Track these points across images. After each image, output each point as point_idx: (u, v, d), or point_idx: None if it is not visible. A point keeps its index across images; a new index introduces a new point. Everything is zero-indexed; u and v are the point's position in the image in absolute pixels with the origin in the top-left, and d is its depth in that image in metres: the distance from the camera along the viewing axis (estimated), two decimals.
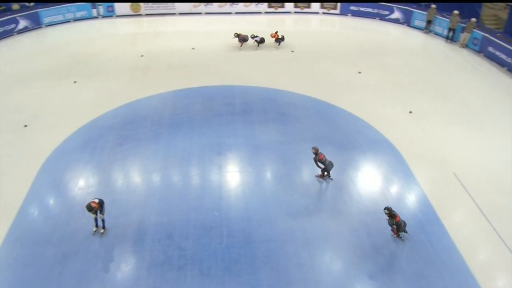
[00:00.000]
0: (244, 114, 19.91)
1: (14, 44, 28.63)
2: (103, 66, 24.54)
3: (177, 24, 30.28)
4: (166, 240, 13.78)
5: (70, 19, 31.02)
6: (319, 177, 16.41)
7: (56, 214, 15.13)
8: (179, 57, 25.44)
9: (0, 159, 17.58)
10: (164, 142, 18.12)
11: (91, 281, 12.63)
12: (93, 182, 16.35)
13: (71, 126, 19.25)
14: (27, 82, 23.26)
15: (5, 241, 14.01)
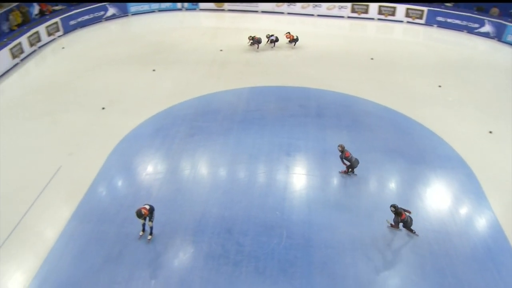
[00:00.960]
0: (317, 118, 19.88)
1: (101, 30, 30.25)
2: (182, 57, 25.34)
3: (258, 21, 30.69)
4: (226, 234, 14.10)
5: (155, 10, 32.25)
6: (343, 173, 16.57)
7: (122, 196, 15.92)
8: (258, 54, 25.79)
9: (79, 137, 18.83)
10: (234, 137, 18.49)
11: (148, 262, 13.24)
12: (161, 169, 16.98)
13: (146, 113, 20.15)
14: (110, 67, 24.52)
15: (74, 216, 15.05)
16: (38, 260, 13.52)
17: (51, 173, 16.83)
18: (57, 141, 18.76)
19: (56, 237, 14.25)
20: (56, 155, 17.81)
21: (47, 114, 20.70)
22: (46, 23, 28.49)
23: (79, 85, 23.02)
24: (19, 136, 19.27)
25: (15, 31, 27.48)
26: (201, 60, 25.13)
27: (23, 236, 14.44)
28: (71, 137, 18.95)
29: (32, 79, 24.99)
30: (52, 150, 18.22)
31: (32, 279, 12.95)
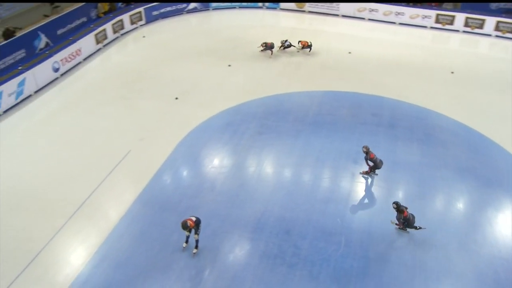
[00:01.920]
0: (389, 128, 19.53)
1: (182, 22, 31.15)
2: (258, 54, 25.65)
3: (338, 25, 30.52)
4: (284, 235, 14.18)
5: (236, 6, 32.81)
6: (364, 174, 16.65)
7: (186, 185, 16.43)
8: (334, 58, 25.66)
9: (151, 124, 19.64)
10: (303, 139, 18.53)
11: (204, 253, 13.58)
12: (227, 164, 17.33)
13: (217, 106, 20.64)
14: (186, 59, 25.24)
15: (138, 199, 15.72)
16: (100, 237, 14.25)
17: (121, 156, 17.65)
18: (129, 126, 19.63)
19: (119, 218, 14.97)
20: (128, 139, 18.65)
21: (123, 99, 21.73)
22: (130, 12, 29.75)
23: (156, 74, 23.89)
24: (96, 117, 20.39)
25: (101, 18, 28.98)
26: (277, 59, 25.33)
27: (89, 212, 15.27)
28: (143, 123, 19.76)
29: (112, 64, 26.24)
30: (124, 134, 19.10)
31: (93, 254, 13.68)
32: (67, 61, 24.91)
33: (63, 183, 16.63)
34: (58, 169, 17.36)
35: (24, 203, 15.79)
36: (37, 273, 13.32)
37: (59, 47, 25.13)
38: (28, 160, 17.94)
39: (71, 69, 25.05)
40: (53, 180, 16.79)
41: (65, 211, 15.29)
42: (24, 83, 22.28)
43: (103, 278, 13.02)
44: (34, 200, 15.95)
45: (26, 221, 15.10)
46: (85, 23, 28.39)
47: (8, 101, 21.48)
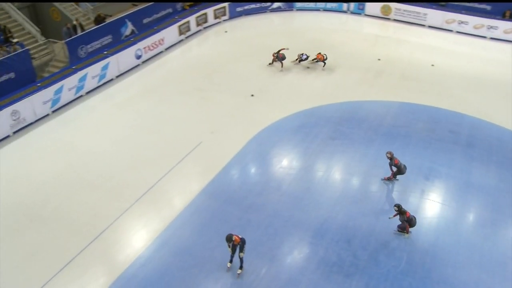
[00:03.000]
0: (467, 147, 18.82)
1: (264, 21, 31.44)
2: (337, 59, 25.51)
3: (423, 36, 29.74)
4: (344, 244, 14.07)
5: (320, 8, 32.77)
6: (386, 180, 16.55)
7: (253, 182, 16.67)
8: (416, 70, 25.06)
9: (224, 118, 20.15)
10: (374, 149, 18.25)
11: (262, 251, 13.79)
12: (295, 165, 17.44)
13: (292, 107, 20.73)
14: (265, 57, 25.48)
15: (203, 191, 16.15)
16: (163, 223, 14.79)
17: (191, 146, 18.20)
18: (203, 117, 20.16)
19: (183, 206, 15.44)
20: (200, 131, 19.17)
21: (199, 91, 22.33)
22: (214, 7, 30.40)
23: (234, 69, 24.33)
24: (171, 106, 21.15)
25: (186, 11, 29.92)
26: (356, 65, 25.10)
27: (154, 198, 15.87)
28: (217, 116, 20.23)
29: (192, 56, 27.04)
30: (197, 125, 19.66)
31: (155, 239, 14.23)
32: (149, 49, 25.97)
33: (134, 166, 17.41)
34: (131, 152, 18.20)
35: (97, 181, 16.72)
36: (101, 248, 14.08)
37: (143, 35, 26.22)
38: (104, 140, 18.97)
39: (152, 57, 26.09)
40: (125, 163, 17.63)
41: (133, 194, 16.00)
42: (107, 67, 23.52)
43: (161, 263, 13.50)
44: (106, 179, 16.85)
45: (97, 198, 15.97)
46: (170, 14, 29.45)
47: (91, 83, 22.78)
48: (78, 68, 22.44)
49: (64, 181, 16.94)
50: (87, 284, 13.12)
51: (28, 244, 14.40)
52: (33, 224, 15.17)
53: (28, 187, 16.71)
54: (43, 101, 20.80)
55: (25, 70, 22.35)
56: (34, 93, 20.56)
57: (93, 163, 17.72)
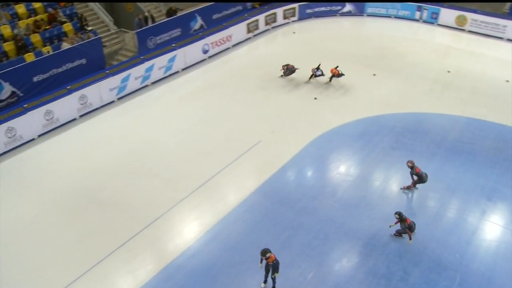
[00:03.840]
0: None
1: (333, 24, 31.22)
2: (405, 68, 25.02)
3: (500, 49, 28.53)
4: (395, 257, 13.81)
5: (392, 15, 32.20)
6: (405, 189, 16.33)
7: (308, 186, 16.67)
8: (488, 84, 24.08)
9: (285, 119, 20.33)
10: (436, 163, 17.74)
11: (310, 255, 13.82)
12: (353, 173, 17.26)
13: (354, 113, 20.56)
14: (331, 61, 25.07)
15: (258, 189, 16.33)
16: (215, 218, 15.09)
17: (250, 144, 18.42)
18: (264, 116, 20.34)
19: (237, 203, 15.68)
20: (260, 129, 19.39)
21: (262, 89, 22.56)
22: (284, 7, 30.51)
23: (299, 71, 24.19)
24: (233, 102, 21.54)
25: (256, 9, 30.21)
26: (424, 76, 24.47)
27: (209, 192, 16.20)
28: (278, 116, 20.35)
29: (258, 54, 27.32)
30: (257, 123, 19.88)
31: (205, 232, 14.56)
32: (216, 45, 26.43)
33: (193, 158, 17.86)
34: (190, 144, 18.68)
35: (156, 170, 17.31)
36: (152, 236, 14.55)
37: (211, 30, 26.74)
38: (165, 130, 19.57)
39: (219, 53, 26.55)
40: (184, 154, 18.12)
41: (189, 185, 16.41)
42: (174, 59, 24.18)
43: (210, 256, 13.78)
44: (164, 168, 17.41)
45: (154, 186, 16.52)
46: (240, 12, 29.83)
47: (157, 74, 23.53)
48: (146, 59, 23.21)
49: (123, 167, 17.61)
50: (135, 269, 13.59)
51: (83, 225, 15.12)
52: (91, 206, 15.90)
53: (89, 170, 17.51)
54: (110, 88, 21.68)
55: (96, 57, 23.39)
56: (102, 80, 21.52)
57: (153, 152, 18.33)
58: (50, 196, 16.39)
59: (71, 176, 17.26)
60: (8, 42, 22.53)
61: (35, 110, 19.48)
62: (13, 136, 18.84)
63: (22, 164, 18.23)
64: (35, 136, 19.53)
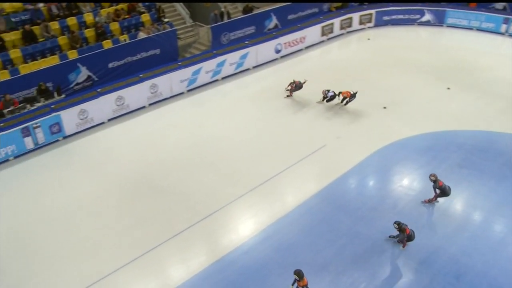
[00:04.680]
0: None
1: (410, 33, 30.58)
2: (482, 84, 23.96)
3: None
4: (452, 279, 13.35)
5: (473, 27, 31.07)
6: (427, 202, 15.92)
7: (368, 195, 16.43)
8: None
9: (352, 126, 20.16)
10: (506, 187, 16.89)
11: (364, 267, 13.58)
12: (416, 187, 16.82)
13: (423, 126, 20.01)
14: (404, 70, 24.83)
15: (318, 193, 16.30)
16: (272, 217, 15.18)
17: (314, 147, 18.40)
18: (331, 121, 20.33)
19: (295, 205, 15.71)
20: (325, 133, 19.38)
21: None
22: (361, 12, 30.26)
23: (369, 78, 23.93)
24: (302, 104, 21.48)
25: (332, 12, 30.13)
26: (503, 94, 23.27)
27: (269, 191, 16.34)
28: (345, 122, 20.25)
29: (330, 58, 27.20)
30: (323, 127, 19.90)
31: (261, 230, 14.69)
32: (289, 45, 26.54)
33: (255, 156, 18.10)
34: (253, 142, 18.95)
35: (218, 164, 17.71)
36: (208, 228, 14.88)
37: (285, 31, 26.87)
38: (231, 126, 19.99)
39: (291, 53, 26.67)
40: (247, 151, 18.40)
41: (249, 183, 16.60)
42: (246, 56, 24.49)
43: (262, 255, 13.89)
44: (226, 163, 17.74)
45: (214, 180, 16.88)
46: (315, 14, 29.88)
47: (228, 69, 23.95)
48: (218, 54, 23.66)
49: (186, 158, 18.09)
50: (188, 259, 13.95)
51: (142, 210, 15.67)
52: (151, 193, 16.45)
53: (153, 157, 18.14)
54: (181, 80, 22.28)
55: (169, 48, 24.18)
56: (174, 71, 22.13)
57: (217, 146, 18.71)
58: (113, 179, 17.13)
59: (135, 162, 17.92)
60: (89, 29, 23.69)
61: (108, 95, 20.33)
62: (85, 118, 19.78)
63: (91, 146, 19.16)
64: (105, 120, 20.44)
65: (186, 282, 13.19)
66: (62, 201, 16.17)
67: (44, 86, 20.48)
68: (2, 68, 21.13)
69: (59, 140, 19.34)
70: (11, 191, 16.74)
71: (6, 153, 18.03)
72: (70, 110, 19.38)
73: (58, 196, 16.41)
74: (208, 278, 13.29)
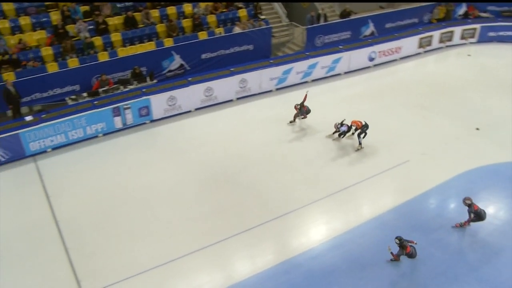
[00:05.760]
0: None
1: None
2: None
3: None
4: None
5: None
6: (458, 226, 15.05)
7: (449, 218, 15.57)
8: None
9: (439, 144, 19.30)
10: None
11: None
12: (502, 217, 15.76)
13: None
14: (506, 92, 23.46)
15: (395, 209, 15.82)
16: (345, 226, 14.97)
17: (397, 161, 17.86)
18: (417, 136, 19.63)
19: (370, 217, 15.39)
20: (410, 148, 18.73)
21: (421, 108, 21.68)
22: (464, 26, 29.03)
23: (466, 97, 22.96)
24: (389, 115, 21.07)
25: (433, 24, 29.20)
26: None
27: (345, 199, 16.11)
28: (431, 139, 19.46)
29: (425, 72, 26.35)
30: (409, 141, 19.24)
31: (332, 238, 14.51)
32: (384, 54, 26.03)
33: (335, 162, 17.96)
34: (336, 148, 18.79)
35: (298, 165, 17.79)
36: (280, 228, 14.92)
37: (382, 39, 26.38)
38: (310, 130, 19.89)
39: (384, 63, 26.16)
40: (328, 156, 18.31)
41: (326, 188, 16.46)
42: (339, 61, 24.33)
43: (330, 263, 13.72)
44: (305, 165, 17.77)
45: (292, 181, 16.93)
46: (415, 24, 29.13)
47: (319, 72, 23.92)
48: (311, 55, 23.65)
49: (266, 155, 18.27)
50: (255, 256, 14.08)
51: (217, 202, 15.98)
52: (227, 185, 16.74)
53: (234, 151, 18.49)
54: (271, 78, 22.49)
55: (263, 46, 24.51)
56: (265, 68, 22.36)
57: (299, 147, 18.75)
58: (193, 167, 17.64)
59: (216, 153, 18.36)
60: (187, 19, 24.55)
61: (197, 85, 20.94)
62: (173, 104, 20.48)
63: (176, 132, 19.87)
64: (192, 109, 21.09)
65: (250, 278, 13.32)
66: (143, 181, 16.92)
67: (139, 70, 21.51)
68: (103, 50, 22.43)
69: (146, 123, 20.21)
70: (97, 166, 17.84)
71: (96, 129, 19.12)
72: (160, 96, 20.16)
73: (140, 176, 17.20)
74: (272, 278, 13.32)
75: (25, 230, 14.98)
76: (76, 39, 22.21)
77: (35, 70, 20.64)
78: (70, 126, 18.57)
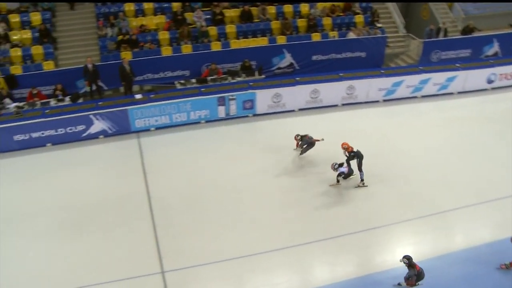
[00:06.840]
0: None
1: None
2: None
3: None
4: None
5: None
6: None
7: None
8: None
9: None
10: None
11: None
12: None
13: None
14: None
15: (491, 244, 14.78)
16: (433, 251, 14.37)
17: (502, 194, 16.63)
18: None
19: (462, 247, 14.68)
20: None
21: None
22: None
23: None
24: (501, 143, 19.53)
25: None
26: None
27: (437, 224, 15.47)
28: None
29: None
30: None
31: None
32: (506, 78, 24.35)
33: (435, 183, 17.12)
34: (435, 169, 17.91)
35: (394, 180, 17.27)
36: (365, 241, 14.75)
37: (505, 61, 24.67)
38: (416, 146, 19.19)
39: (505, 87, 24.44)
40: (427, 175, 17.50)
41: (420, 209, 15.91)
42: (453, 80, 23.19)
43: None
44: (403, 182, 17.22)
45: (387, 195, 16.59)
46: None
47: (430, 89, 23.04)
48: (425, 70, 22.87)
49: (364, 164, 17.32)
50: (335, 264, 14.09)
51: (305, 203, 16.17)
52: (319, 189, 16.82)
53: (331, 154, 17.65)
54: (379, 88, 22.10)
55: (376, 54, 24.20)
56: (375, 78, 22.01)
57: (398, 162, 18.21)
58: (287, 166, 17.95)
59: (312, 156, 18.26)
60: (302, 19, 24.78)
61: (304, 86, 21.09)
62: (278, 102, 20.79)
63: (277, 129, 20.21)
64: (296, 109, 21.31)
65: (327, 286, 13.30)
66: (236, 173, 17.44)
67: (248, 63, 22.07)
68: (216, 40, 23.25)
69: (248, 116, 20.72)
70: (195, 151, 18.69)
71: (199, 116, 19.94)
72: (266, 91, 20.57)
73: (234, 167, 17.73)
74: None
75: (120, 201, 16.12)
76: (193, 26, 23.26)
77: (151, 52, 21.98)
78: (176, 109, 19.53)
